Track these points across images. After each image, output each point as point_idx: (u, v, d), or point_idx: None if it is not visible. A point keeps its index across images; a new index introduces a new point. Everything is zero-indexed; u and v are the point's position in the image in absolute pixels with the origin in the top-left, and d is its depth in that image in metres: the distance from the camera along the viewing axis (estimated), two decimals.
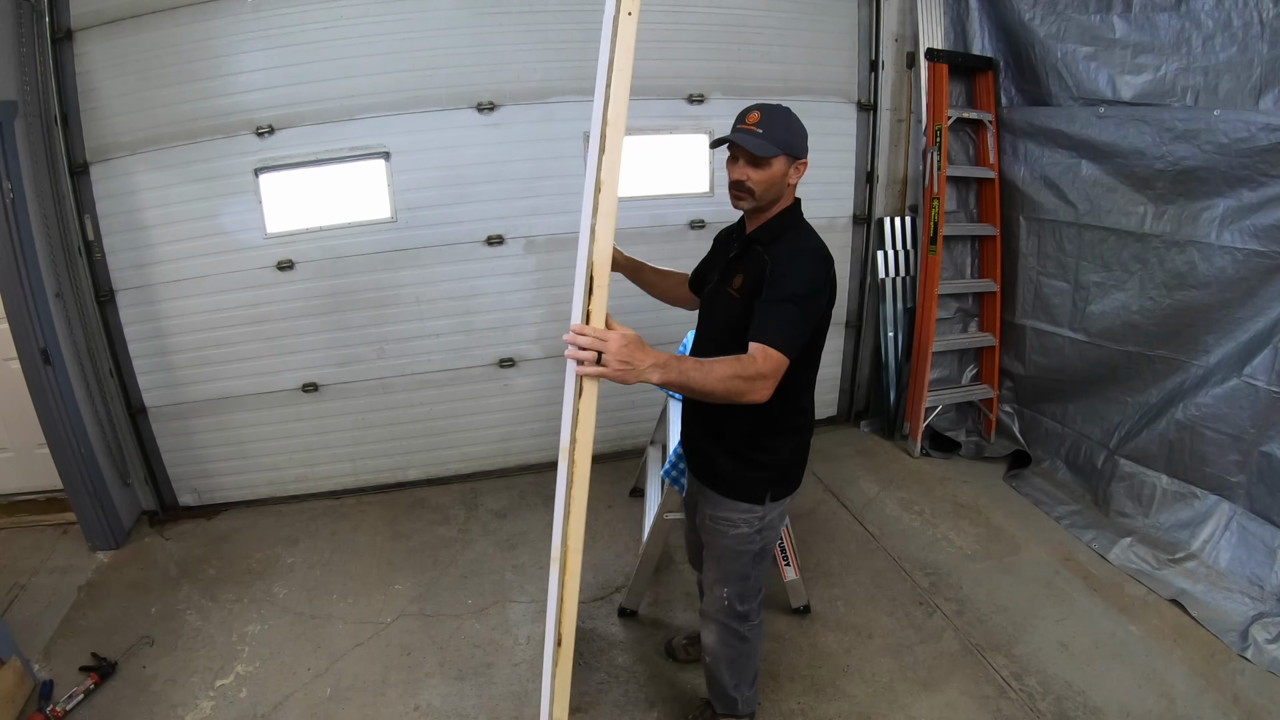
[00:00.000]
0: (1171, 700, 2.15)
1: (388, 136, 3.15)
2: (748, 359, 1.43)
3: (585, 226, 1.33)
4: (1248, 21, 2.51)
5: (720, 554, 1.80)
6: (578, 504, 1.37)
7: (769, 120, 1.56)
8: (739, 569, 1.79)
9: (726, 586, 1.81)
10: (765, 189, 1.58)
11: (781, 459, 1.72)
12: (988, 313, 3.80)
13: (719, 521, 1.76)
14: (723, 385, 1.40)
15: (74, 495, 2.98)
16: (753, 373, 1.42)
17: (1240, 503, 2.66)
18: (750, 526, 1.73)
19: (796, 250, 1.56)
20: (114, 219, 3.03)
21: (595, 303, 1.31)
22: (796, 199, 1.66)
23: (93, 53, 2.87)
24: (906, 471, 3.60)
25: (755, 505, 1.72)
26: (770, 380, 1.44)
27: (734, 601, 1.82)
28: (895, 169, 3.83)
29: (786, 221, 1.62)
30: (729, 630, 1.86)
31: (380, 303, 3.32)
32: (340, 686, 2.31)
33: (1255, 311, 2.58)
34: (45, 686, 2.25)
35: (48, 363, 2.81)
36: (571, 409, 1.36)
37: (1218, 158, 2.57)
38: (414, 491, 3.55)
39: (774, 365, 1.44)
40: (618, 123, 1.27)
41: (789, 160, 1.58)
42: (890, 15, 3.59)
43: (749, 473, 1.71)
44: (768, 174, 1.57)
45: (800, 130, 1.59)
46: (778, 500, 1.74)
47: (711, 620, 1.88)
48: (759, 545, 1.76)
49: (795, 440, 1.75)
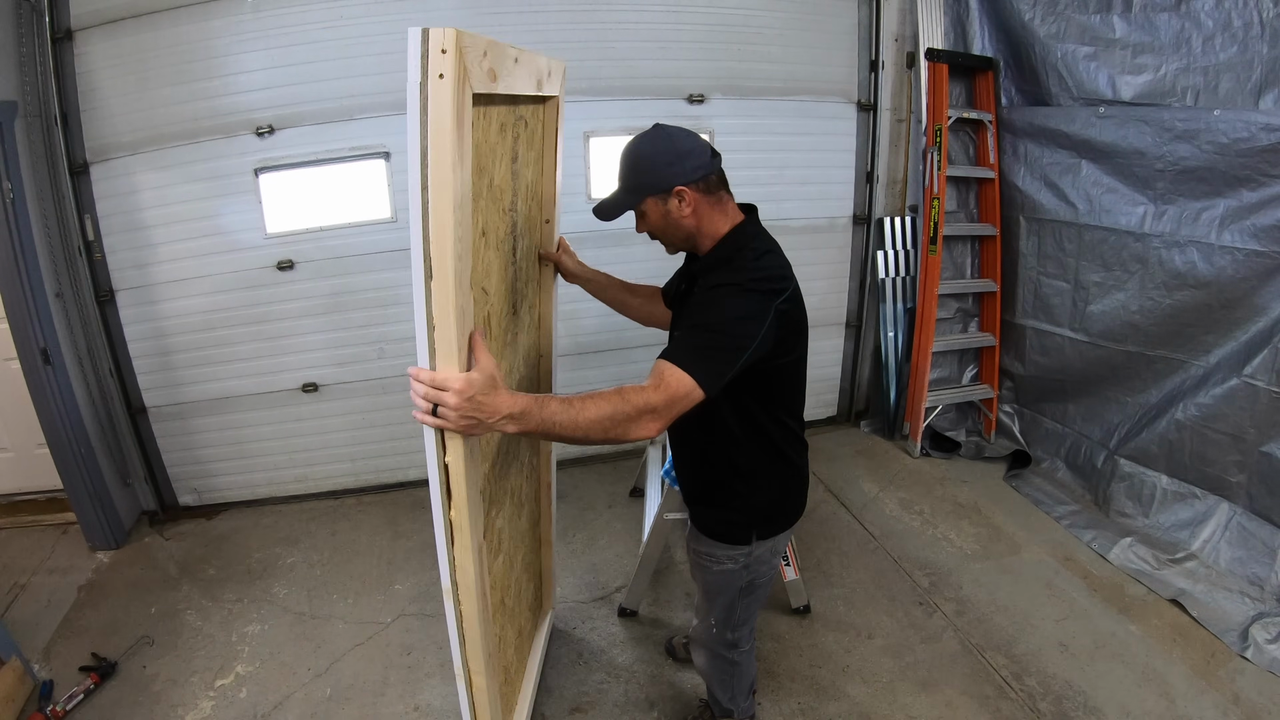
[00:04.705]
0: (1171, 700, 2.15)
1: (388, 136, 3.14)
2: (631, 390, 1.21)
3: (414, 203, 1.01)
4: (1248, 21, 2.51)
5: (706, 587, 1.71)
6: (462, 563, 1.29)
7: (622, 165, 1.44)
8: (725, 602, 1.69)
9: (713, 615, 1.73)
10: (664, 232, 1.47)
11: (761, 500, 1.57)
12: (988, 313, 3.80)
13: (702, 556, 1.65)
14: (598, 429, 1.18)
15: (74, 495, 2.98)
16: (635, 407, 1.20)
17: (1240, 503, 2.66)
18: (735, 564, 1.61)
19: (726, 283, 1.36)
20: (114, 219, 3.03)
21: (440, 333, 1.06)
22: (739, 224, 1.45)
23: (93, 53, 2.87)
24: (906, 471, 3.60)
25: (740, 546, 1.59)
26: (660, 414, 1.22)
27: (722, 630, 1.74)
28: (895, 169, 3.83)
29: (728, 249, 1.43)
30: (717, 656, 1.82)
31: (380, 303, 3.32)
32: (340, 686, 2.31)
33: (1255, 311, 2.58)
34: (45, 686, 2.25)
35: (48, 363, 2.81)
36: (437, 477, 1.16)
37: (1218, 158, 2.57)
38: (414, 491, 3.55)
39: (671, 392, 1.23)
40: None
41: (660, 198, 1.40)
42: (890, 15, 3.59)
43: (730, 516, 1.58)
44: (650, 222, 1.46)
45: (659, 157, 1.39)
46: (765, 539, 1.60)
47: (700, 645, 1.83)
48: (746, 580, 1.64)
49: (777, 483, 1.58)
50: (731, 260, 1.41)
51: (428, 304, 1.04)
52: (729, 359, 1.29)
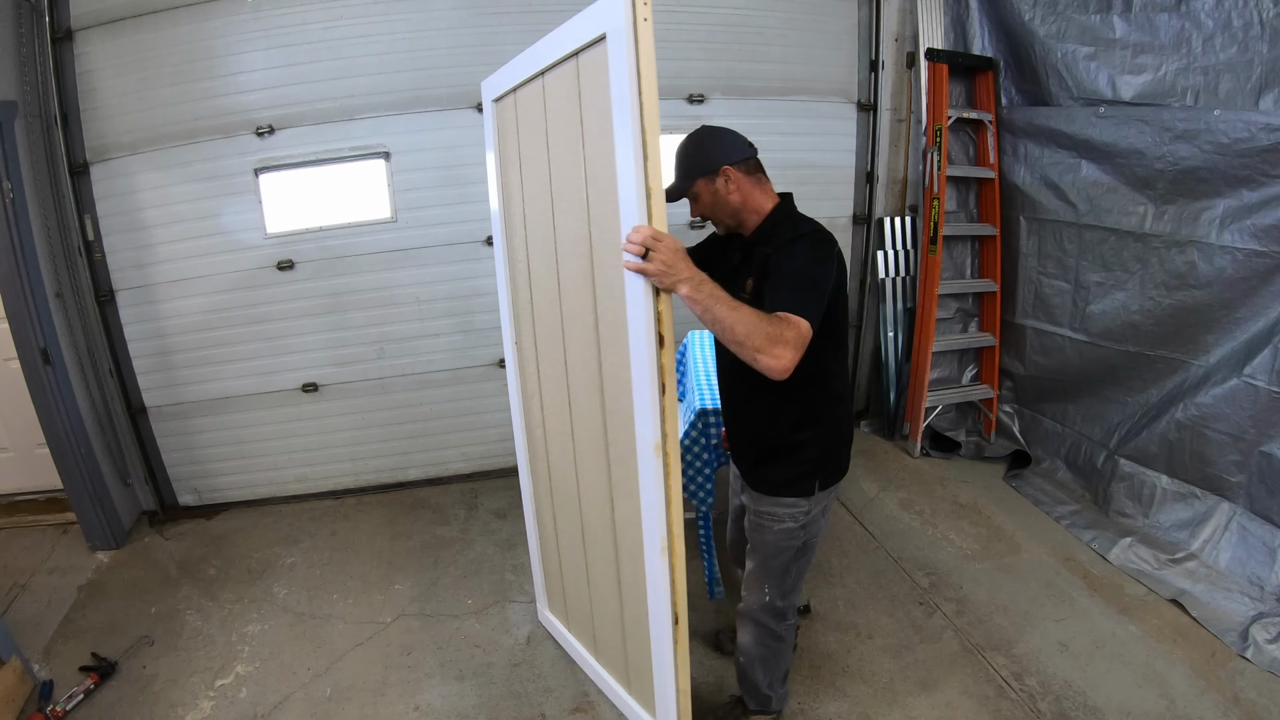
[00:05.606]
0: (1171, 700, 2.15)
1: (388, 136, 3.15)
2: (779, 319, 1.40)
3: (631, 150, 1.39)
4: (1248, 21, 2.51)
5: (763, 549, 1.83)
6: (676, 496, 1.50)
7: (676, 159, 1.66)
8: (781, 564, 1.81)
9: (767, 582, 1.84)
10: (715, 211, 1.67)
11: (820, 449, 1.73)
12: (988, 313, 3.80)
13: (764, 516, 1.79)
14: (749, 329, 1.36)
15: (74, 495, 2.98)
16: (781, 333, 1.38)
17: (1240, 503, 2.66)
18: (795, 521, 1.76)
19: (795, 236, 1.58)
20: (114, 219, 3.03)
21: (656, 209, 1.39)
22: (782, 196, 1.69)
23: (93, 53, 2.88)
24: (906, 471, 3.60)
25: (801, 499, 1.74)
26: (791, 349, 1.39)
27: (774, 597, 1.85)
28: (895, 169, 3.83)
29: (778, 218, 1.66)
30: (765, 629, 1.90)
31: (380, 303, 3.32)
32: (340, 686, 2.31)
33: (1255, 311, 2.58)
34: (45, 686, 2.25)
35: (48, 363, 2.81)
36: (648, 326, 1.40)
37: (1218, 158, 2.57)
38: (414, 491, 3.55)
39: (796, 333, 1.40)
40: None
41: (709, 178, 1.62)
42: (890, 15, 3.60)
43: (793, 470, 1.73)
44: (703, 203, 1.66)
45: (705, 145, 1.64)
46: (825, 490, 1.76)
47: (748, 619, 1.91)
48: (802, 540, 1.79)
49: (834, 430, 1.76)
50: (790, 218, 1.65)
51: (645, 175, 1.35)
52: (820, 299, 1.48)
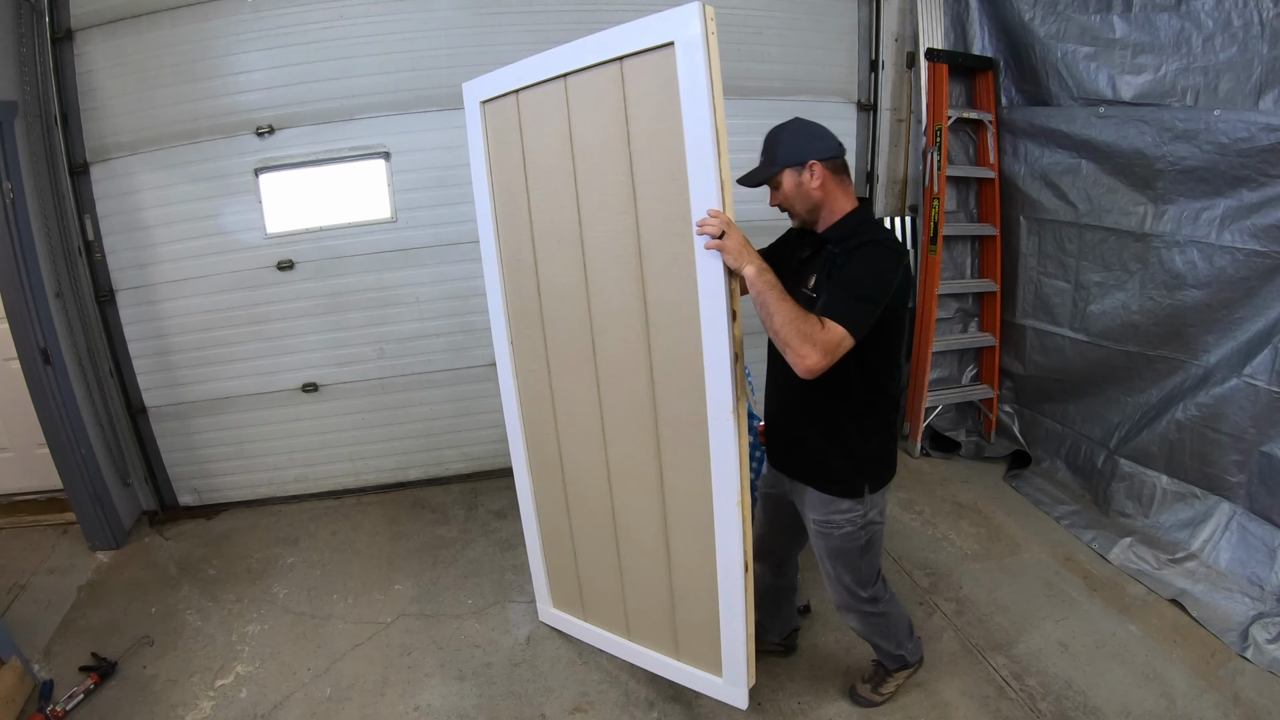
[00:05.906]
0: (1171, 700, 2.15)
1: (388, 136, 3.15)
2: (815, 320, 1.48)
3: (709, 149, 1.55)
4: (1248, 21, 2.51)
5: (831, 555, 1.86)
6: (744, 453, 1.68)
7: (766, 144, 1.71)
8: (848, 563, 1.85)
9: (844, 581, 1.89)
10: (794, 202, 1.69)
11: (871, 451, 1.76)
12: (988, 313, 3.80)
13: (822, 525, 1.81)
14: (785, 321, 1.46)
15: (74, 495, 2.98)
16: (812, 333, 1.45)
17: (1240, 503, 2.66)
18: (854, 525, 1.78)
19: (866, 241, 1.60)
20: (114, 219, 3.03)
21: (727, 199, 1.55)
22: (862, 200, 1.72)
23: (93, 53, 2.88)
24: (906, 471, 3.60)
25: (856, 503, 1.76)
26: (821, 351, 1.45)
27: (856, 590, 1.89)
28: (895, 169, 3.82)
29: (854, 220, 1.67)
30: (864, 614, 1.96)
31: (380, 303, 3.32)
32: (340, 686, 2.31)
33: (1255, 311, 2.58)
34: (45, 686, 2.25)
35: (48, 363, 2.81)
36: (724, 299, 1.55)
37: (1218, 158, 2.57)
38: (414, 491, 3.55)
39: (829, 338, 1.46)
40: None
41: (796, 169, 1.65)
42: (890, 15, 3.59)
43: (843, 474, 1.75)
44: (784, 192, 1.69)
45: (797, 137, 1.67)
46: (876, 491, 1.77)
47: (846, 611, 1.98)
48: (864, 539, 1.81)
49: (883, 432, 1.79)
50: (866, 223, 1.70)
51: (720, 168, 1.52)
52: (870, 310, 1.53)
